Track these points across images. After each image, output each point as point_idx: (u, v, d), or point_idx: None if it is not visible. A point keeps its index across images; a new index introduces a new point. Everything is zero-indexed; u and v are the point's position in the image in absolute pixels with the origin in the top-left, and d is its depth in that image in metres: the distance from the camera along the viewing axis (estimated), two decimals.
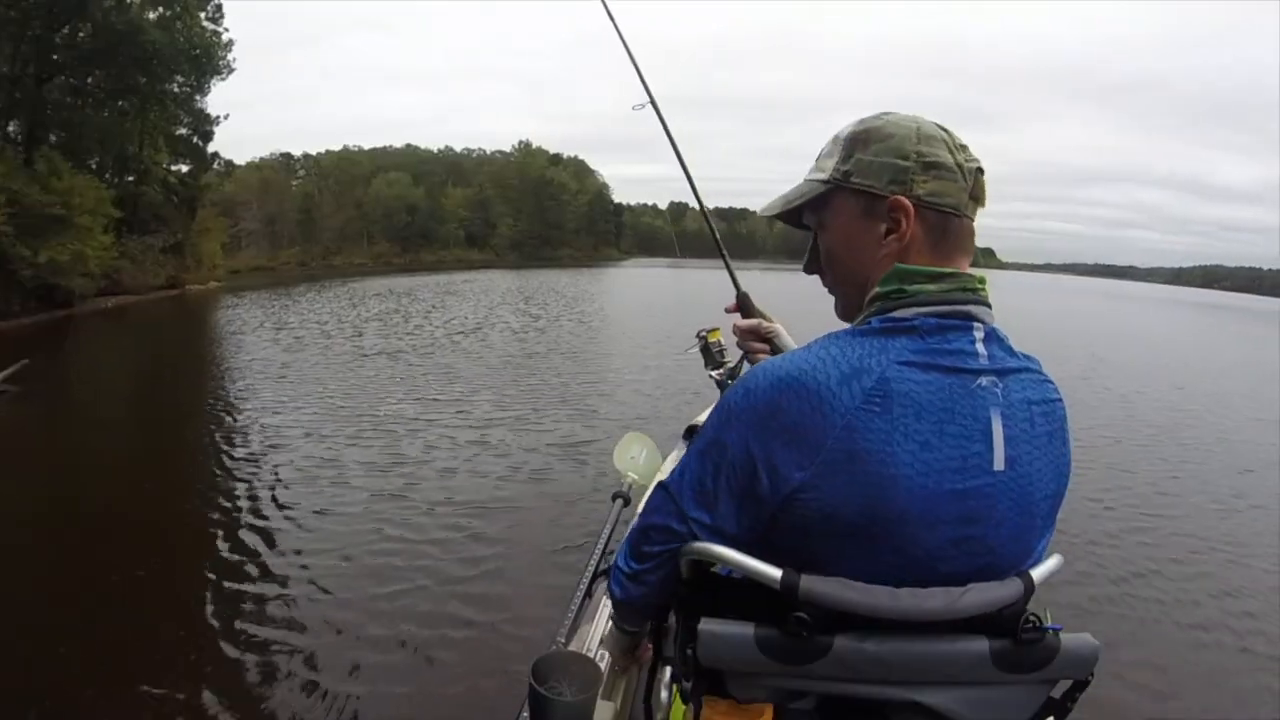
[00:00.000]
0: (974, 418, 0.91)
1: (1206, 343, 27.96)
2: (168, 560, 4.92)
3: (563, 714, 1.32)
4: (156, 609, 4.21)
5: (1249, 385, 14.95)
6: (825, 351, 0.93)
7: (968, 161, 1.00)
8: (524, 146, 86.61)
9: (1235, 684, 3.77)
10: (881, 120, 1.03)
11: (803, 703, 0.97)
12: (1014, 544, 0.96)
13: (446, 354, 13.75)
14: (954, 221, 1.00)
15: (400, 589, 4.47)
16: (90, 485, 6.44)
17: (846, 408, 0.88)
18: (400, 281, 35.62)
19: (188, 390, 11.07)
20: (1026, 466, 0.95)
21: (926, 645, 0.91)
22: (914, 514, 0.89)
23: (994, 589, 0.91)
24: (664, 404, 9.83)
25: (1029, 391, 0.97)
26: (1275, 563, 5.23)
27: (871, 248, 1.02)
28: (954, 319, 0.95)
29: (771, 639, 0.91)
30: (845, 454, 0.88)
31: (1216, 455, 8.76)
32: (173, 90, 28.63)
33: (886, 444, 0.88)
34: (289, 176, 67.03)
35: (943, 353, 0.92)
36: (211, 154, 33.14)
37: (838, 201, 1.06)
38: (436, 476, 6.68)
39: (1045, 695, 0.99)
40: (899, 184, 0.99)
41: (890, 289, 0.98)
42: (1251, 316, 56.42)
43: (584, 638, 2.00)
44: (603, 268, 65.16)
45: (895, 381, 0.89)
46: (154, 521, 5.57)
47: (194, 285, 30.32)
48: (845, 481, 0.88)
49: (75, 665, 3.59)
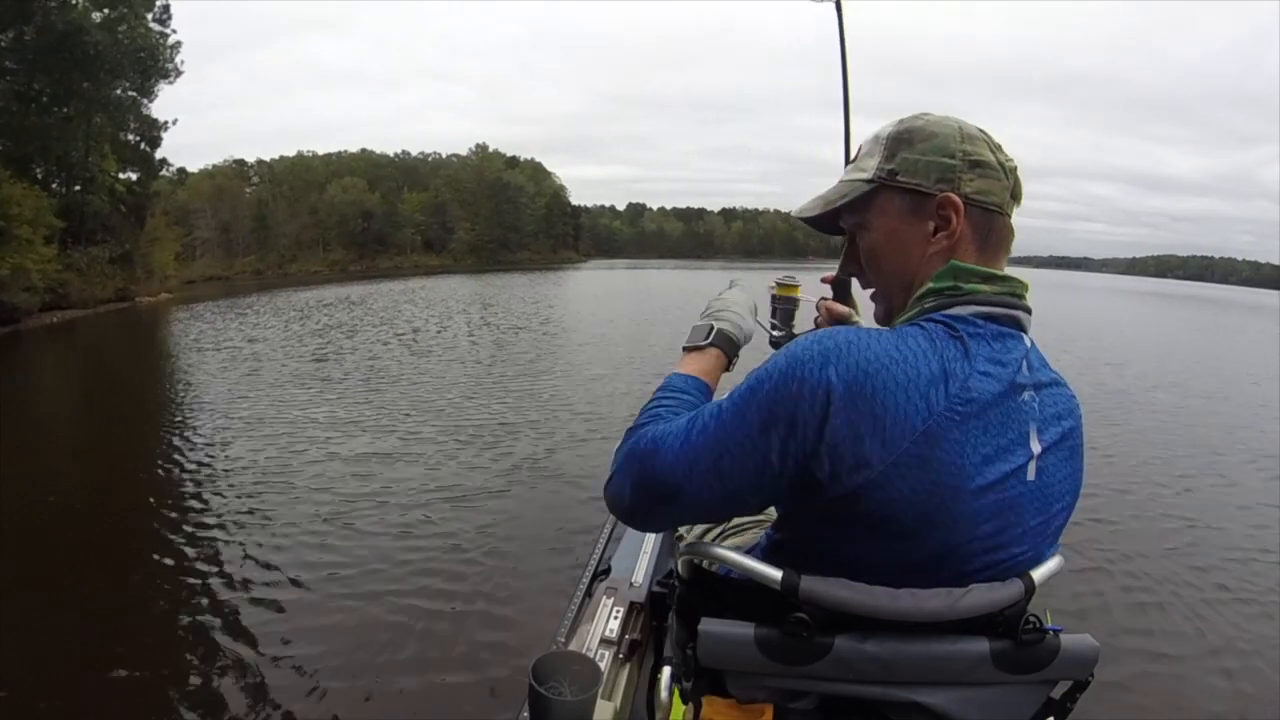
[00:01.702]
0: (1020, 431, 0.92)
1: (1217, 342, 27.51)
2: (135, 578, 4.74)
3: (563, 714, 1.35)
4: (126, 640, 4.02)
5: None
6: (915, 344, 0.90)
7: (1007, 160, 1.02)
8: (481, 149, 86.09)
9: (1237, 685, 3.71)
10: (922, 120, 1.04)
11: (803, 703, 0.97)
12: (1030, 551, 0.96)
13: (437, 355, 13.36)
14: (998, 220, 1.01)
15: (400, 590, 4.44)
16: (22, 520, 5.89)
17: (932, 411, 0.86)
18: (355, 289, 34.40)
19: (129, 414, 10.32)
20: (1051, 477, 0.96)
21: (927, 646, 0.91)
22: (964, 523, 0.89)
23: (995, 590, 0.91)
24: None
25: (1059, 406, 0.99)
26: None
27: (919, 246, 1.01)
28: (1008, 324, 0.96)
29: (772, 639, 0.91)
30: (920, 459, 0.86)
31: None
32: (117, 94, 27.72)
33: (959, 455, 0.87)
34: (243, 183, 65.38)
35: (1005, 364, 0.92)
36: (160, 160, 32.22)
37: (882, 200, 1.04)
38: (434, 478, 6.62)
39: (1045, 696, 1.00)
40: (947, 182, 0.99)
41: (945, 285, 0.97)
42: (1225, 307, 57.95)
43: (584, 638, 2.00)
44: (564, 270, 64.93)
45: (975, 391, 0.88)
46: (112, 548, 5.26)
47: (145, 297, 29.30)
48: (912, 487, 0.86)
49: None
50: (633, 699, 1.85)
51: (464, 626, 4.07)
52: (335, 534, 5.31)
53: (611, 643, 1.96)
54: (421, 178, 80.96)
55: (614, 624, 2.03)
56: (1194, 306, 53.35)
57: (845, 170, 1.11)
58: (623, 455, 1.01)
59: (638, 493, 0.98)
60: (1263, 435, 9.39)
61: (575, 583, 2.41)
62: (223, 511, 5.76)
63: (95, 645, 3.86)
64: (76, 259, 24.94)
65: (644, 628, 2.07)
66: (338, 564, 4.79)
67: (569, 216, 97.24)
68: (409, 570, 4.71)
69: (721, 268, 78.16)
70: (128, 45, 26.26)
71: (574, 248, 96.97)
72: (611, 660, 1.90)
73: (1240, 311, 51.02)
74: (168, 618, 4.19)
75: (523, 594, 4.43)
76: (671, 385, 1.13)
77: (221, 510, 5.79)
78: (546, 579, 4.54)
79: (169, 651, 3.87)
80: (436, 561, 4.87)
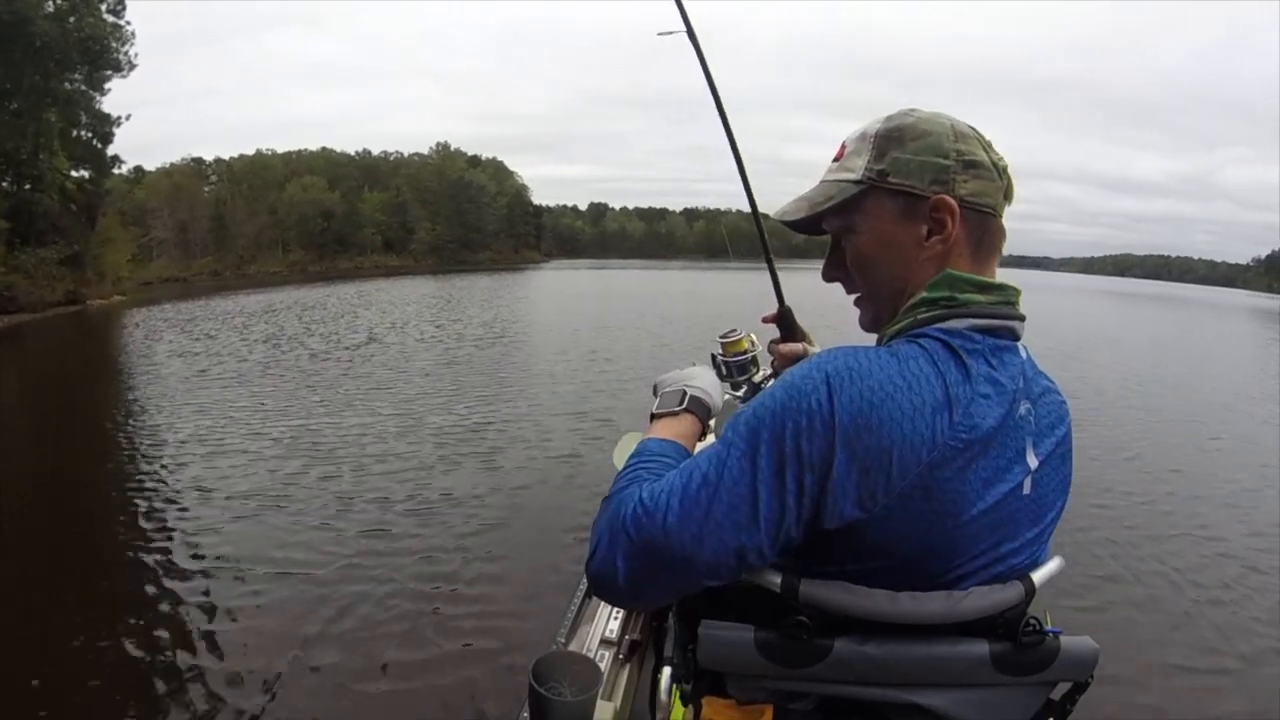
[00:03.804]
0: (1017, 449, 0.90)
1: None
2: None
3: (563, 714, 1.35)
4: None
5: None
6: (917, 368, 0.86)
7: (999, 159, 0.98)
8: (442, 148, 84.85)
9: (1238, 685, 3.77)
10: (913, 117, 0.98)
11: (803, 704, 0.95)
12: (1026, 559, 0.95)
13: (438, 356, 13.13)
14: (991, 221, 0.98)
15: (400, 590, 4.48)
16: None
17: (937, 441, 0.83)
18: (314, 293, 32.72)
19: (75, 424, 9.77)
20: (1044, 488, 0.94)
21: (927, 648, 0.89)
22: (963, 547, 0.88)
23: (995, 592, 0.90)
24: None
25: (1052, 414, 0.97)
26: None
27: (911, 250, 0.97)
28: (1004, 336, 0.93)
29: (771, 642, 0.90)
30: (923, 490, 0.83)
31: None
32: (67, 88, 26.55)
33: (961, 483, 0.85)
34: (201, 182, 63.13)
35: (1003, 383, 0.89)
36: (112, 157, 30.89)
37: (871, 203, 0.99)
38: (432, 478, 6.66)
39: (1045, 697, 0.99)
40: (940, 183, 0.94)
41: (940, 295, 0.94)
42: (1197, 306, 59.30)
43: (584, 638, 2.01)
44: (527, 271, 64.48)
45: (977, 416, 0.85)
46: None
47: (96, 300, 28.09)
48: (914, 518, 0.84)
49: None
50: (633, 699, 1.86)
51: (464, 627, 4.10)
52: (333, 535, 5.31)
53: (612, 643, 1.97)
54: (382, 177, 79.33)
55: (614, 624, 2.04)
56: (1158, 306, 54.44)
57: (828, 170, 1.05)
58: (604, 526, 0.91)
59: (633, 565, 0.87)
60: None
61: (575, 583, 2.40)
62: (206, 516, 5.69)
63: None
64: (24, 260, 23.96)
65: (644, 628, 2.07)
66: (337, 565, 4.80)
67: (531, 216, 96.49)
68: (409, 571, 4.74)
69: (684, 267, 78.78)
70: (76, 36, 25.27)
71: (536, 248, 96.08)
72: (611, 661, 1.91)
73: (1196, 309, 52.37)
74: (169, 618, 4.19)
75: (523, 594, 4.46)
76: (648, 450, 1.04)
77: (207, 515, 5.73)
78: (546, 579, 4.56)
79: (169, 650, 3.86)
80: (437, 563, 4.91)
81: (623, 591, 0.90)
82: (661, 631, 1.57)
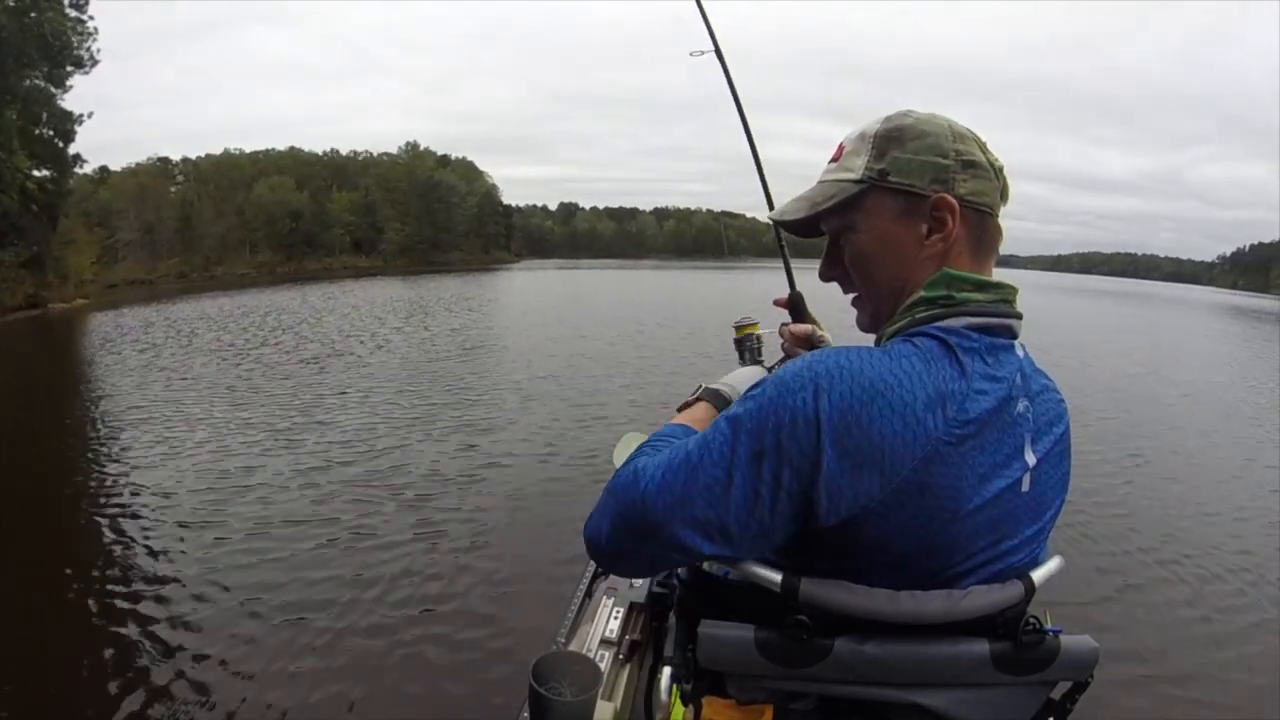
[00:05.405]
0: (1015, 445, 0.91)
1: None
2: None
3: (563, 714, 1.35)
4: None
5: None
6: (909, 365, 0.87)
7: (995, 159, 1.00)
8: (411, 148, 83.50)
9: (1239, 684, 3.78)
10: (911, 118, 1.00)
11: (803, 703, 0.97)
12: (1026, 558, 0.96)
13: (436, 355, 12.88)
14: (989, 220, 0.99)
15: (400, 590, 4.50)
16: None
17: (930, 436, 0.84)
18: (279, 297, 30.50)
19: (23, 440, 8.78)
20: (1043, 485, 0.95)
21: (927, 647, 0.90)
22: (961, 544, 0.89)
23: (994, 592, 0.91)
24: (663, 406, 9.70)
25: (1051, 412, 0.99)
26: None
27: (911, 249, 0.99)
28: (1001, 334, 0.94)
29: (771, 642, 0.91)
30: (918, 486, 0.85)
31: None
32: (27, 85, 25.69)
33: (957, 479, 0.86)
34: (167, 182, 61.44)
35: (1000, 379, 0.90)
36: (74, 156, 29.69)
37: (871, 202, 1.01)
38: (434, 479, 6.62)
39: (1045, 697, 1.00)
40: (941, 183, 0.96)
41: (938, 294, 0.95)
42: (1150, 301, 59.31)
43: (584, 638, 2.00)
44: (497, 272, 63.60)
45: (972, 411, 0.87)
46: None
47: (58, 304, 27.17)
48: (911, 514, 0.85)
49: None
50: (633, 699, 1.86)
51: (464, 627, 4.11)
52: (330, 536, 5.28)
53: (612, 643, 1.97)
54: (351, 177, 77.79)
55: (614, 624, 2.03)
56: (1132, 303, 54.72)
57: (826, 170, 1.07)
58: (605, 491, 0.97)
59: (615, 529, 0.93)
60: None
61: (575, 583, 2.41)
62: (190, 521, 5.60)
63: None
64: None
65: (644, 628, 2.06)
66: (336, 566, 4.79)
67: (501, 216, 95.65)
68: (409, 572, 4.73)
69: (654, 267, 78.19)
70: (35, 31, 24.48)
71: (506, 248, 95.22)
72: (612, 661, 1.90)
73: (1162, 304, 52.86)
74: (166, 626, 4.10)
75: (522, 594, 4.48)
76: (662, 433, 1.09)
77: (191, 519, 5.62)
78: (547, 579, 4.56)
79: (169, 653, 3.82)
80: (437, 563, 4.89)
81: (605, 552, 0.96)
82: (661, 631, 1.59)
